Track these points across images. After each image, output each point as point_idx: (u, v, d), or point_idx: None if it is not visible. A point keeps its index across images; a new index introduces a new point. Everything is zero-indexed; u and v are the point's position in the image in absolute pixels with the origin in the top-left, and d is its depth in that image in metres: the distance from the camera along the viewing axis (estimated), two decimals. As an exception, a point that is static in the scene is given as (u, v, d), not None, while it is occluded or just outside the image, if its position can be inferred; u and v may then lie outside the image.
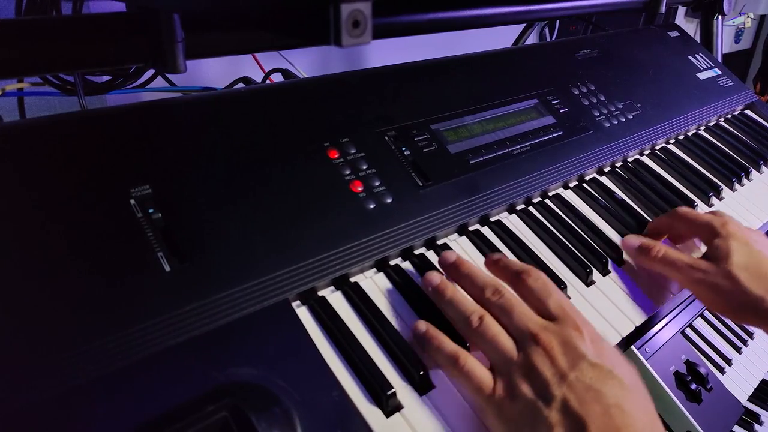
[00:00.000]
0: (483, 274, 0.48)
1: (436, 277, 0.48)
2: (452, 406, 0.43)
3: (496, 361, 0.42)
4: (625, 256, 0.62)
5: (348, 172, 0.53)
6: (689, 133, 0.88)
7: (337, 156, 0.53)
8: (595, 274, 0.58)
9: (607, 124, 0.76)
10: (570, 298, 0.55)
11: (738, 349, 0.72)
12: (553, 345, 0.41)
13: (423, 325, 0.45)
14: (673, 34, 1.06)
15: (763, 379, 0.71)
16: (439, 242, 0.55)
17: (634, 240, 0.60)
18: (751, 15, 2.06)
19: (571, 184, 0.69)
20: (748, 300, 0.52)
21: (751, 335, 0.75)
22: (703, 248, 0.60)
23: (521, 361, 0.41)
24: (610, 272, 0.59)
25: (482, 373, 0.42)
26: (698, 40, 1.12)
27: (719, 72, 1.02)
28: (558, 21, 1.28)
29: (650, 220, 0.67)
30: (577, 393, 0.38)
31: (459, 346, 0.43)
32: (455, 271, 0.49)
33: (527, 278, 0.46)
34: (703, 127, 0.91)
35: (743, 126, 0.95)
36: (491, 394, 0.41)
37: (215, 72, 0.92)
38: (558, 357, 0.40)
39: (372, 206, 0.52)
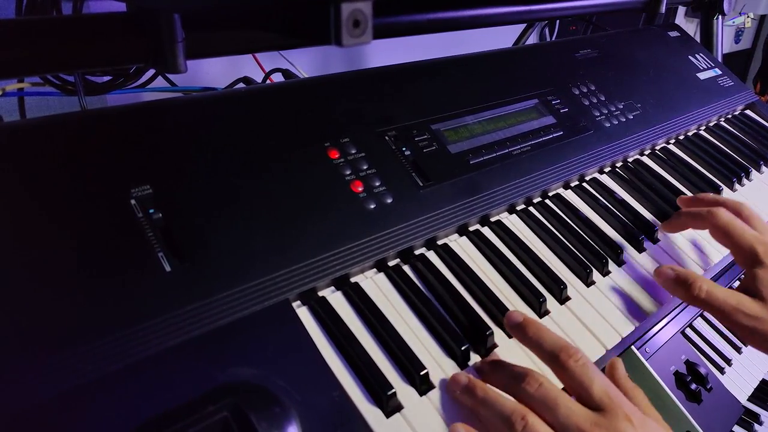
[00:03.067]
0: (514, 365, 0.44)
1: (462, 378, 0.43)
2: (452, 406, 0.43)
3: None
4: (625, 256, 0.62)
5: (348, 172, 0.53)
6: (689, 133, 0.88)
7: (337, 156, 0.53)
8: (595, 274, 0.58)
9: (608, 124, 0.76)
10: (570, 299, 0.55)
11: (738, 349, 0.72)
12: None
13: (460, 428, 0.41)
14: (673, 34, 1.06)
15: (763, 379, 0.71)
16: (440, 242, 0.55)
17: (669, 271, 0.53)
18: (751, 15, 2.06)
19: (572, 184, 0.69)
20: None
21: (751, 335, 0.75)
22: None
23: None
24: (610, 272, 0.59)
25: None
26: (698, 40, 1.12)
27: (719, 72, 1.02)
28: (558, 21, 1.28)
29: (650, 220, 0.68)
30: None
31: None
32: (485, 366, 0.45)
33: (567, 359, 0.42)
34: (703, 127, 0.91)
35: (743, 126, 0.95)
36: None
37: (215, 72, 0.92)
38: None
39: (372, 206, 0.52)
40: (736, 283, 0.72)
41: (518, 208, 0.63)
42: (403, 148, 0.58)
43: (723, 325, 0.53)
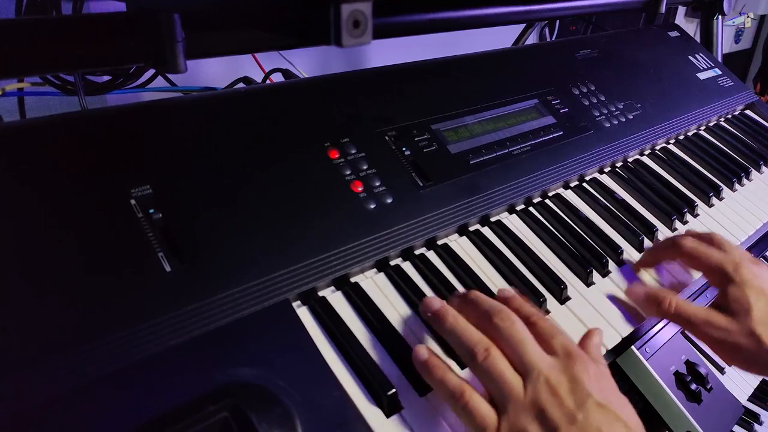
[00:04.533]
0: (491, 300, 0.45)
1: (435, 302, 0.45)
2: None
3: (501, 399, 0.40)
4: (625, 256, 0.62)
5: (348, 172, 0.53)
6: (689, 133, 0.88)
7: (337, 156, 0.53)
8: (595, 275, 0.58)
9: (608, 124, 0.76)
10: (570, 299, 0.55)
11: (738, 349, 0.72)
12: (560, 383, 0.40)
13: (424, 352, 0.43)
14: (673, 34, 1.06)
15: (763, 379, 0.71)
16: (440, 242, 0.55)
17: (639, 289, 0.56)
18: (751, 15, 2.06)
19: (572, 184, 0.69)
20: None
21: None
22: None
23: (529, 401, 0.39)
24: (610, 272, 0.59)
25: (486, 411, 0.40)
26: (698, 40, 1.12)
27: (719, 72, 1.02)
28: (558, 21, 1.28)
29: (650, 219, 0.68)
30: None
31: (462, 380, 0.41)
32: (462, 297, 0.46)
33: (537, 320, 0.44)
34: (703, 127, 0.91)
35: (743, 126, 0.95)
36: None
37: (215, 72, 0.92)
38: (565, 397, 0.39)
39: (372, 206, 0.52)
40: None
41: (518, 208, 0.63)
42: (403, 148, 0.58)
43: (694, 337, 0.54)
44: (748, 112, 1.02)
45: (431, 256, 0.53)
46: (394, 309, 0.48)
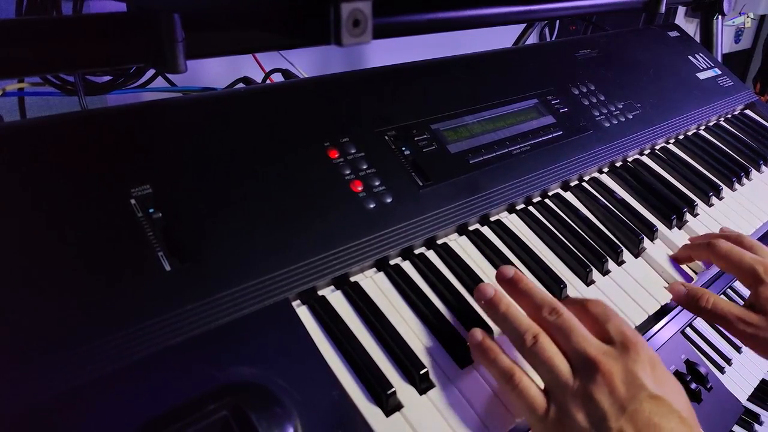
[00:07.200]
0: (541, 292, 0.46)
1: (490, 290, 0.47)
2: (452, 405, 0.43)
3: (551, 384, 0.41)
4: (624, 256, 0.62)
5: (348, 172, 0.53)
6: (689, 133, 0.88)
7: (337, 156, 0.54)
8: (595, 274, 0.58)
9: (607, 124, 0.76)
10: (568, 297, 0.55)
11: (738, 349, 0.72)
12: (614, 372, 0.39)
13: (479, 335, 0.44)
14: (673, 34, 1.06)
15: (763, 379, 0.71)
16: (439, 242, 0.55)
17: (680, 287, 0.58)
18: (751, 15, 2.06)
19: (571, 184, 0.69)
20: None
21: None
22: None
23: (578, 388, 0.39)
24: (610, 271, 0.59)
25: (535, 394, 0.41)
26: (698, 40, 1.12)
27: (719, 72, 1.02)
28: (558, 21, 1.28)
29: (650, 219, 0.68)
30: (636, 426, 0.37)
31: (514, 363, 0.42)
32: (512, 286, 0.47)
33: (588, 303, 0.45)
34: (703, 127, 0.91)
35: (743, 126, 0.95)
36: (543, 416, 0.40)
37: (215, 72, 0.92)
38: (618, 386, 0.39)
39: (372, 206, 0.52)
40: (729, 290, 0.72)
41: (518, 207, 0.63)
42: (403, 148, 0.58)
43: (728, 333, 0.57)
44: (747, 111, 1.02)
45: (431, 255, 0.53)
46: (394, 308, 0.48)
